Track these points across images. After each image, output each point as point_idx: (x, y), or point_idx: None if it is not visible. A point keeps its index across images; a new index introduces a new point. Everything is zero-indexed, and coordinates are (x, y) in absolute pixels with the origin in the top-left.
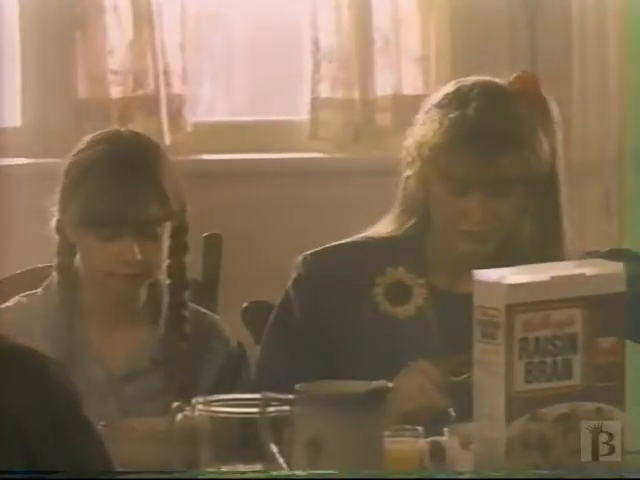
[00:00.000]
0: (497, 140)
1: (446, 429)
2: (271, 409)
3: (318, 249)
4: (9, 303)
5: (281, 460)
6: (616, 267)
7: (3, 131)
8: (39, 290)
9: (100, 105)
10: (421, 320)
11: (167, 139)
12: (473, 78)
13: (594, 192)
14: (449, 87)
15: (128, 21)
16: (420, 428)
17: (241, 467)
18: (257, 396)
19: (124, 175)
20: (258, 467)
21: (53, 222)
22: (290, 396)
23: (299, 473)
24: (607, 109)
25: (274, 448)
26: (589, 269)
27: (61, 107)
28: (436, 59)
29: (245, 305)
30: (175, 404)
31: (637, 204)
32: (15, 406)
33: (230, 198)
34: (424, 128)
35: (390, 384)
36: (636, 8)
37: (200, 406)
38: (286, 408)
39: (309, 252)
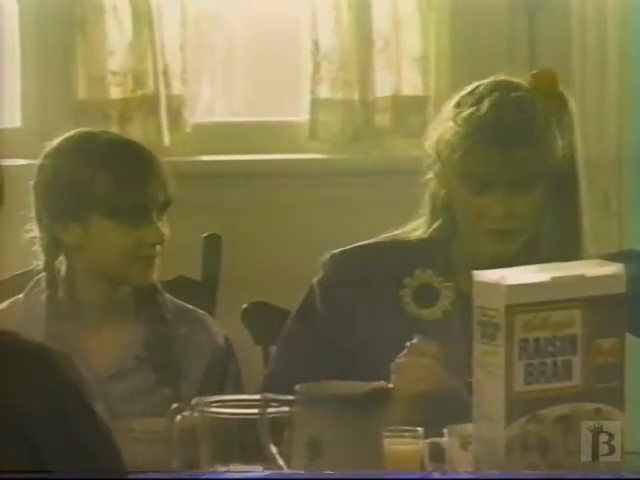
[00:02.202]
0: (510, 135)
1: (445, 430)
2: (271, 410)
3: (346, 248)
4: None
5: (281, 461)
6: (616, 268)
7: (3, 132)
8: (20, 296)
9: (100, 106)
10: (446, 323)
11: (166, 140)
12: (490, 78)
13: (593, 193)
14: (467, 88)
15: (128, 22)
16: (420, 429)
17: (241, 468)
18: (257, 397)
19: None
20: (258, 468)
21: (35, 222)
22: (290, 397)
23: (299, 473)
24: (606, 110)
25: (274, 449)
26: (589, 270)
27: (61, 108)
28: (436, 60)
29: (245, 306)
30: (174, 405)
31: (636, 205)
32: (21, 401)
33: (229, 199)
34: (440, 128)
35: (390, 385)
36: (636, 8)
37: (200, 407)
38: (286, 409)
39: (337, 250)
